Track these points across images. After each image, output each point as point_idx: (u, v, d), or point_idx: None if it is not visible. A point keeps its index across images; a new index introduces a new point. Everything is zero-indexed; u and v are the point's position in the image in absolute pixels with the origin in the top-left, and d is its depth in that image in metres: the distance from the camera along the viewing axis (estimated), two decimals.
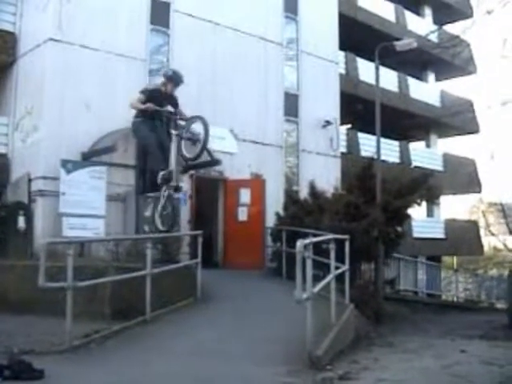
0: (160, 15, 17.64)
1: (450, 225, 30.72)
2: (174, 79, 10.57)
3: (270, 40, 20.13)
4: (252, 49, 19.61)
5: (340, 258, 10.34)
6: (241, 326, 9.35)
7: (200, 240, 12.24)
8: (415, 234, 26.16)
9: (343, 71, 24.73)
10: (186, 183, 16.80)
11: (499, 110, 28.94)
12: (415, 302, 21.47)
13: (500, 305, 26.39)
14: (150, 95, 10.29)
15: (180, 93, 17.10)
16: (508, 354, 9.99)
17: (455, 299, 27.30)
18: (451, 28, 29.82)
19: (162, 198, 10.46)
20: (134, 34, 16.99)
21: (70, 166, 14.66)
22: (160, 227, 10.73)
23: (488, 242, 42.69)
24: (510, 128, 58.74)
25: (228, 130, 18.52)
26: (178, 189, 10.54)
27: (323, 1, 22.28)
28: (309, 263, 7.49)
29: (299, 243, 7.29)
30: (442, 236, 29.77)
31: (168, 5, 17.84)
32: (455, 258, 37.20)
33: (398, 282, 22.73)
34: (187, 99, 16.84)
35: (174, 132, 10.18)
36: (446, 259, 34.86)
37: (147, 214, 15.06)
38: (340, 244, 10.48)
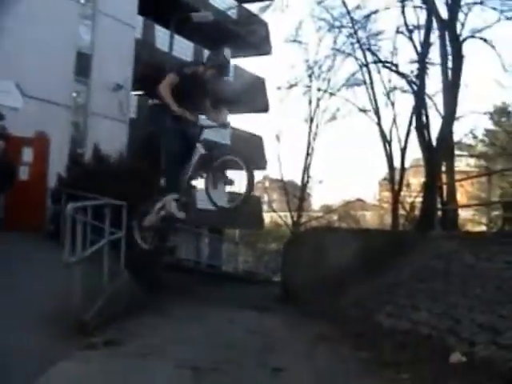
0: None
1: (234, 198, 31.56)
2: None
3: None
4: (47, 2, 18.59)
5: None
6: (6, 289, 8.90)
7: None
8: (199, 205, 26.56)
9: (140, 37, 24.43)
10: None
11: (286, 93, 30.47)
12: (196, 272, 21.91)
13: (276, 278, 27.62)
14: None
15: None
16: (272, 324, 10.57)
17: (235, 271, 28.19)
18: (251, 6, 30.47)
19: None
20: None
21: None
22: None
23: (270, 217, 44.60)
24: (294, 111, 61.16)
25: (14, 84, 17.54)
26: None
27: None
28: (80, 227, 7.35)
29: (70, 206, 7.16)
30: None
31: None
32: (237, 231, 38.41)
33: (179, 251, 23.01)
34: None
35: None
36: (228, 232, 35.86)
37: None
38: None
